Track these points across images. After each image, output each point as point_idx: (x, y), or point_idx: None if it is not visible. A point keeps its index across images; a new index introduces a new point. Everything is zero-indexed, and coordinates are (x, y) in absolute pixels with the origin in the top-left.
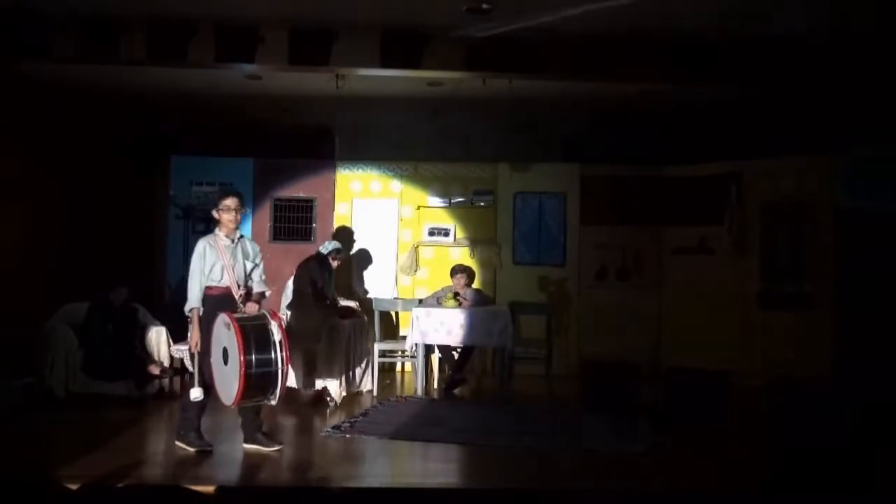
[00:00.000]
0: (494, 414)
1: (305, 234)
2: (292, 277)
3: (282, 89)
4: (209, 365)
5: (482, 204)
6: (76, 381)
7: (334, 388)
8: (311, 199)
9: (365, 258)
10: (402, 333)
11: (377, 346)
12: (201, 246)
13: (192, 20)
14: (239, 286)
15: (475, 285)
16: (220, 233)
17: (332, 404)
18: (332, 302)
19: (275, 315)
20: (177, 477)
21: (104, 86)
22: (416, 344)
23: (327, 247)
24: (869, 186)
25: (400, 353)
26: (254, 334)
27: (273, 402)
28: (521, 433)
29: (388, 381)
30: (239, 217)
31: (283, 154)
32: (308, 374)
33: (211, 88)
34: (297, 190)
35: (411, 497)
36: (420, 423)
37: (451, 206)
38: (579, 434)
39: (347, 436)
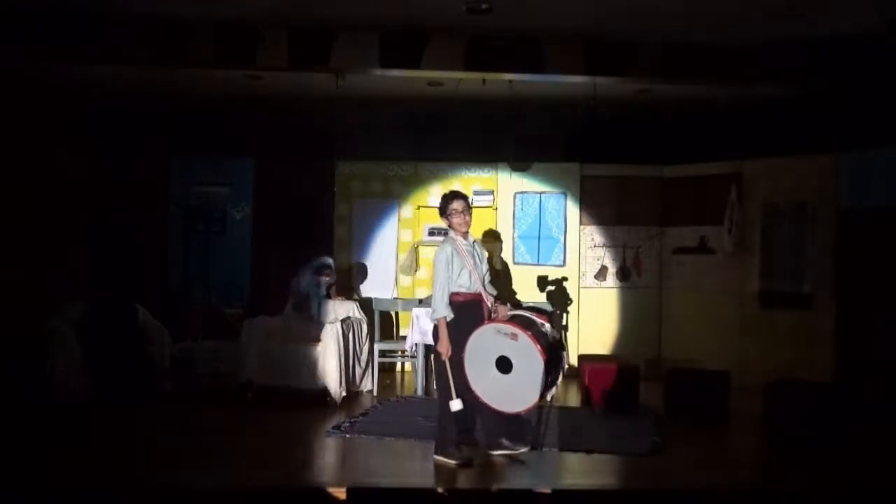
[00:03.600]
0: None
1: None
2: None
3: (281, 89)
4: (462, 373)
5: (482, 204)
6: (77, 381)
7: (334, 387)
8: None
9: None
10: (402, 333)
11: (377, 346)
12: (446, 253)
13: (189, 20)
14: (485, 289)
15: None
16: (456, 237)
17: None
18: (313, 316)
19: (540, 315)
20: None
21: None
22: (416, 344)
23: (317, 262)
24: (869, 186)
25: (400, 353)
26: (541, 337)
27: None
28: (522, 433)
29: (388, 381)
30: (469, 219)
31: (283, 154)
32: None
33: (210, 88)
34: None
35: (411, 497)
36: (419, 423)
37: None
38: (579, 434)
39: (347, 436)
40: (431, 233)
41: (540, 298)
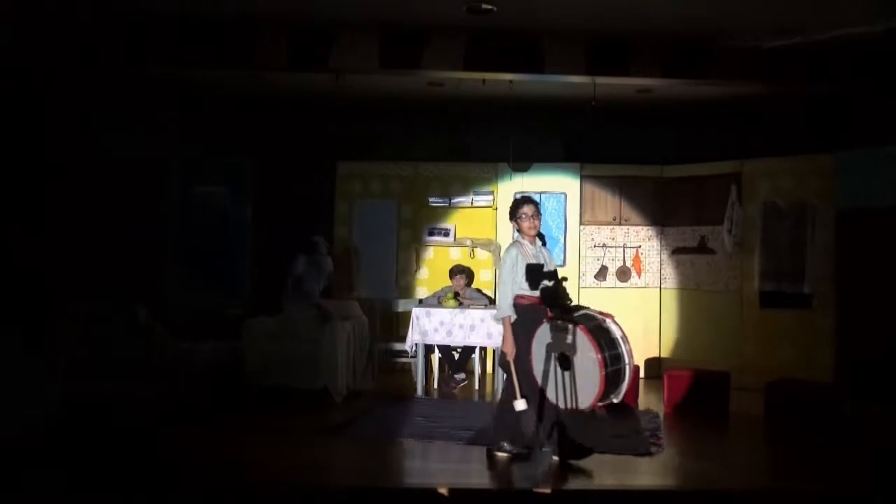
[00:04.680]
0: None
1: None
2: None
3: (281, 89)
4: (530, 374)
5: (482, 204)
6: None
7: (336, 387)
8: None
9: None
10: (401, 333)
11: (377, 346)
12: (511, 255)
13: (188, 20)
14: None
15: (474, 285)
16: (524, 241)
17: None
18: (316, 303)
19: (605, 313)
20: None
21: None
22: (416, 344)
23: (306, 243)
24: (869, 186)
25: (400, 352)
26: (598, 333)
27: (616, 400)
28: (522, 433)
29: (389, 381)
30: (538, 223)
31: (283, 154)
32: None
33: (210, 87)
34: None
35: (411, 497)
36: (420, 423)
37: (450, 206)
38: (579, 434)
39: (347, 436)
40: (431, 233)
41: None
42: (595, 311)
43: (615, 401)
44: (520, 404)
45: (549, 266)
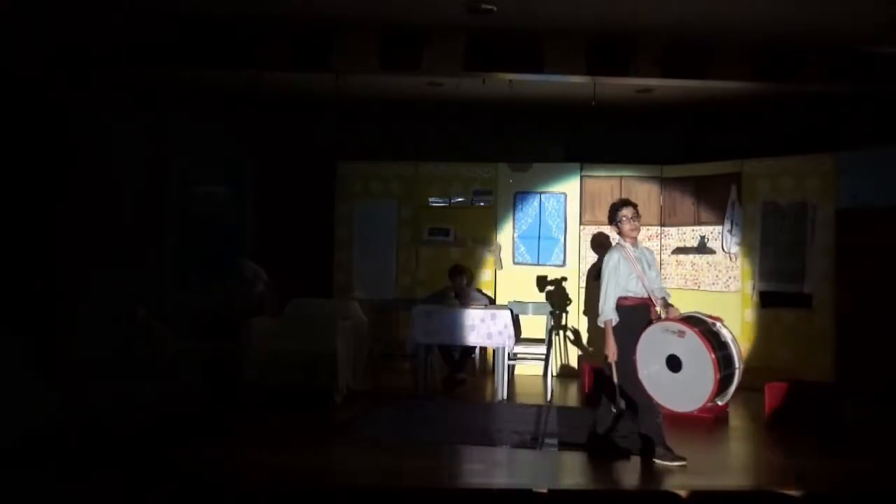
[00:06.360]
0: (494, 414)
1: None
2: None
3: (281, 89)
4: (633, 375)
5: (482, 204)
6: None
7: (334, 387)
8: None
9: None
10: (401, 334)
11: (377, 347)
12: (615, 258)
13: (188, 20)
14: (653, 294)
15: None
16: (625, 243)
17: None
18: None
19: (714, 316)
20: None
21: None
22: (416, 344)
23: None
24: (869, 186)
25: (400, 353)
26: (710, 335)
27: (721, 403)
28: (520, 433)
29: (388, 381)
30: (638, 224)
31: (283, 154)
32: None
33: (210, 87)
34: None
35: (411, 497)
36: (420, 423)
37: (450, 206)
38: (581, 434)
39: (347, 436)
40: (431, 233)
41: (539, 298)
42: (704, 314)
43: (720, 403)
44: (618, 405)
45: (653, 268)
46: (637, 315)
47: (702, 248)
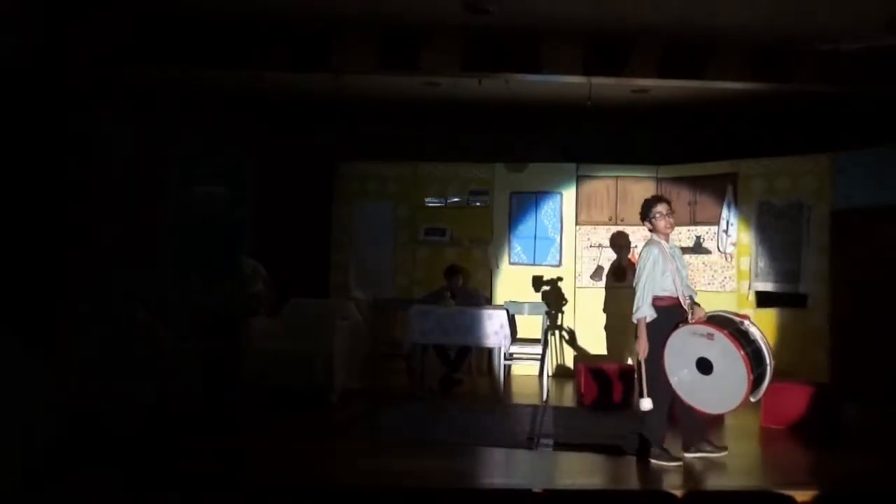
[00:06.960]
0: (491, 414)
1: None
2: None
3: (280, 88)
4: (662, 375)
5: (478, 204)
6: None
7: (332, 387)
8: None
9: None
10: (399, 333)
11: (374, 347)
12: (653, 254)
13: (188, 20)
14: (682, 293)
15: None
16: (661, 240)
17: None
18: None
19: (741, 315)
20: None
21: None
22: (413, 344)
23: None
24: (864, 186)
25: (398, 353)
26: (740, 336)
27: (753, 400)
28: (516, 433)
29: (385, 381)
30: (673, 220)
31: (282, 154)
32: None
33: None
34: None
35: (411, 497)
36: (417, 423)
37: (447, 207)
38: (576, 434)
39: (347, 436)
40: (428, 233)
41: (535, 298)
42: (731, 313)
43: (752, 400)
44: (645, 403)
45: (684, 268)
46: (671, 315)
47: (697, 248)
